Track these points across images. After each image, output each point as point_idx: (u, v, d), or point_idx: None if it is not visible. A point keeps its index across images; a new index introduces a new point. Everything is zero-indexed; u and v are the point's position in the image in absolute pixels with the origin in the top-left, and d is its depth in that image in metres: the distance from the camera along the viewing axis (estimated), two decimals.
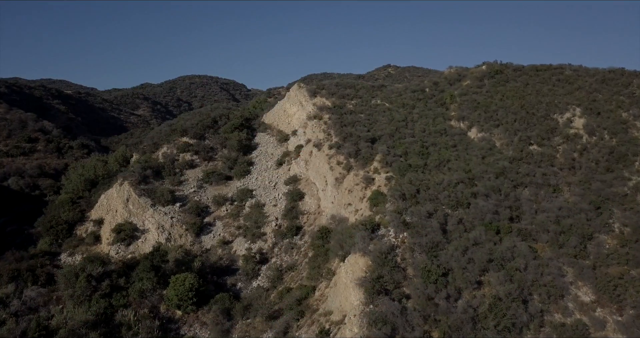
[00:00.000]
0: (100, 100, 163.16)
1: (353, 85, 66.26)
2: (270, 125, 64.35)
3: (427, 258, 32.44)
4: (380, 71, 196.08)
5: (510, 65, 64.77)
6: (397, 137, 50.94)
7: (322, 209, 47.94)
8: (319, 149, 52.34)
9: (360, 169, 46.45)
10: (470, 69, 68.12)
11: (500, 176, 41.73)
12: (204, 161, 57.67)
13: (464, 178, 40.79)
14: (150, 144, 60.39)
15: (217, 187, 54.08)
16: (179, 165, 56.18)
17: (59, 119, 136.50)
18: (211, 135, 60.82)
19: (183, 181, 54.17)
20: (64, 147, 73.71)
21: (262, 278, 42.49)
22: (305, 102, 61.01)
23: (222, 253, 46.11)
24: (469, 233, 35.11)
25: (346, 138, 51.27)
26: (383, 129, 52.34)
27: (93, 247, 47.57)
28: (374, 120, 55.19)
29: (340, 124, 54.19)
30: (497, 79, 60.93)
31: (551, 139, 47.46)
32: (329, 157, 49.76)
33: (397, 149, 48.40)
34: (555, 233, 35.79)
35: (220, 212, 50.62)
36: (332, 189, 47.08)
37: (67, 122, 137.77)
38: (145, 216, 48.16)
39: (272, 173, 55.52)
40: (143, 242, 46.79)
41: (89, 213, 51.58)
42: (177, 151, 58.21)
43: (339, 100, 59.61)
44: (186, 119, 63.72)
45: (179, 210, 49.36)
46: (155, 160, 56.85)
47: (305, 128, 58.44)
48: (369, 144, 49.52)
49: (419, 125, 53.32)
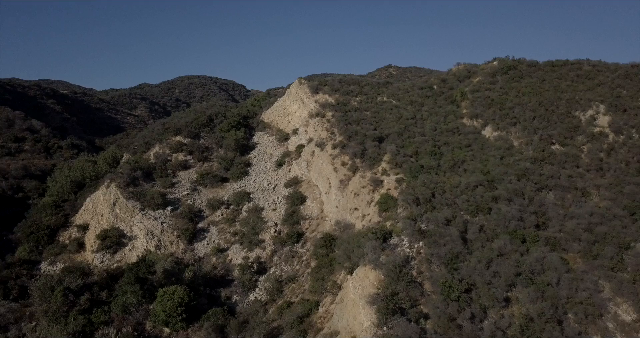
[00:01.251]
0: (96, 100, 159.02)
1: (357, 81, 62.27)
2: (269, 124, 60.29)
3: (447, 272, 28.34)
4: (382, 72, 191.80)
5: (524, 60, 60.70)
6: (406, 136, 46.88)
7: (325, 214, 43.83)
8: (321, 149, 48.27)
9: (367, 170, 42.39)
10: (480, 66, 64.11)
11: (522, 178, 37.67)
12: (198, 162, 53.56)
13: (482, 180, 36.72)
14: (142, 143, 56.30)
15: (212, 190, 49.97)
16: (171, 166, 52.09)
17: (53, 118, 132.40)
18: (206, 134, 56.73)
19: (175, 183, 50.07)
20: (53, 147, 69.60)
21: (260, 291, 38.34)
22: (306, 99, 56.97)
23: (217, 262, 41.98)
24: (492, 242, 31.02)
25: (351, 137, 47.21)
26: (391, 127, 48.29)
27: (76, 255, 43.43)
28: (381, 118, 51.14)
29: (344, 121, 50.14)
30: (510, 75, 56.90)
31: (574, 138, 43.41)
32: (333, 158, 45.69)
33: (406, 148, 44.35)
34: (588, 242, 31.67)
35: (215, 217, 46.50)
36: (336, 192, 42.98)
37: (61, 121, 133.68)
38: (133, 221, 44.01)
39: (271, 174, 51.43)
40: (130, 249, 42.65)
41: (73, 218, 47.46)
42: (169, 151, 54.12)
43: (342, 97, 55.57)
44: (180, 117, 59.67)
45: (170, 215, 45.23)
46: (147, 160, 52.74)
47: (306, 126, 54.38)
48: (376, 143, 45.46)
49: (429, 124, 49.25)
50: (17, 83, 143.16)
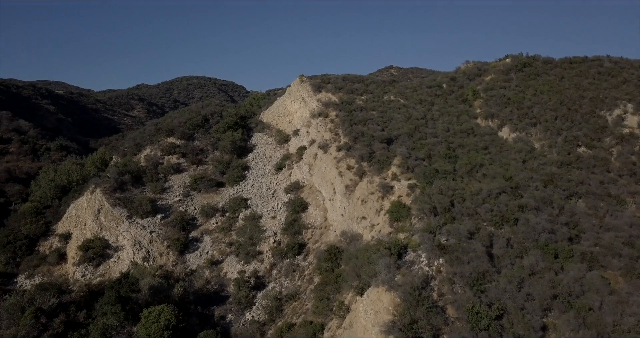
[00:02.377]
0: (93, 101, 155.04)
1: (362, 79, 58.25)
2: (268, 125, 56.24)
3: (473, 295, 24.27)
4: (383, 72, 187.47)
5: (539, 57, 56.78)
6: (417, 137, 42.86)
7: (329, 223, 39.75)
8: (325, 151, 44.23)
9: (375, 174, 38.36)
10: (491, 63, 60.16)
11: (549, 184, 33.64)
12: (192, 165, 49.48)
13: (505, 187, 32.66)
14: (132, 145, 52.21)
15: (207, 195, 45.89)
16: (163, 169, 48.00)
17: (47, 119, 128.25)
18: (201, 136, 52.64)
19: (167, 188, 45.97)
20: (40, 149, 65.49)
21: (258, 309, 34.25)
22: (308, 98, 52.93)
23: (210, 275, 37.90)
24: (521, 259, 26.96)
25: (357, 138, 43.19)
26: (400, 128, 44.25)
27: (56, 268, 39.35)
28: (389, 117, 47.10)
29: (349, 122, 46.11)
30: (525, 73, 52.96)
31: (602, 140, 39.42)
32: (337, 161, 41.65)
33: (418, 151, 40.33)
34: (630, 258, 27.59)
35: (209, 225, 42.42)
36: (341, 199, 38.92)
37: (56, 122, 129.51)
38: (120, 230, 39.92)
39: (271, 179, 47.34)
40: (115, 261, 38.57)
41: (55, 226, 43.37)
42: (161, 153, 50.04)
43: (346, 96, 51.54)
44: (174, 117, 55.59)
45: (160, 223, 41.14)
46: (136, 163, 48.63)
47: (308, 127, 50.33)
48: (384, 145, 41.44)
49: (441, 124, 45.24)
50: (12, 83, 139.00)
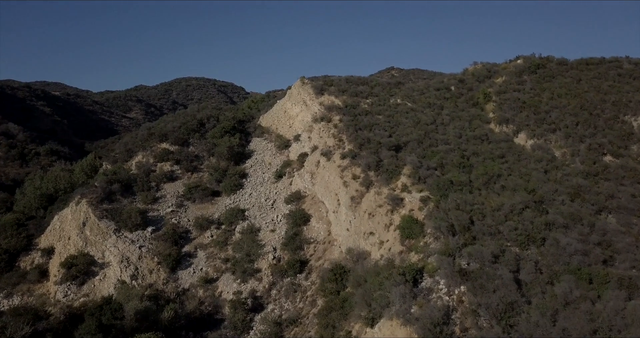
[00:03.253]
0: (90, 102, 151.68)
1: (366, 81, 55.06)
2: (268, 129, 52.98)
3: (502, 330, 21.03)
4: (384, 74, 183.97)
5: (552, 58, 53.62)
6: (427, 144, 39.63)
7: (333, 237, 36.50)
8: (328, 159, 40.99)
9: (383, 185, 35.11)
10: (500, 65, 56.99)
11: (576, 198, 30.39)
12: (186, 172, 46.21)
13: (528, 201, 29.40)
14: (123, 151, 48.95)
15: (201, 206, 42.61)
16: (155, 177, 44.70)
17: (42, 121, 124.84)
18: (196, 141, 49.36)
19: (159, 198, 42.69)
20: (30, 154, 62.24)
21: (255, 335, 30.95)
22: (310, 101, 49.68)
23: (204, 295, 34.62)
24: (553, 286, 23.72)
25: (363, 145, 39.95)
26: (409, 134, 41.01)
27: (37, 286, 36.06)
28: (396, 122, 43.86)
29: (354, 127, 42.87)
30: (539, 75, 49.77)
31: (629, 148, 36.21)
32: (342, 169, 38.41)
33: (429, 159, 37.09)
34: None
35: (204, 239, 39.15)
36: (346, 211, 35.66)
37: (51, 124, 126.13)
38: (106, 245, 36.65)
39: (270, 188, 44.07)
40: (101, 280, 35.29)
41: (37, 240, 40.07)
42: (154, 160, 46.75)
43: (351, 99, 48.28)
44: (167, 121, 52.30)
45: (150, 237, 37.87)
46: (127, 171, 45.37)
47: (310, 132, 47.08)
48: (392, 153, 38.20)
49: (452, 130, 42.00)
50: (7, 84, 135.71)
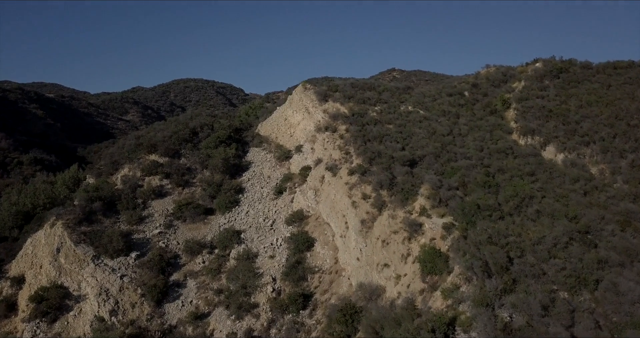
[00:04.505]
0: (85, 105, 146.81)
1: (373, 85, 50.41)
2: (267, 138, 48.31)
3: None
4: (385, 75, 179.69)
5: (575, 61, 49.04)
6: (445, 159, 35.04)
7: (341, 266, 31.87)
8: (333, 174, 36.40)
9: (398, 207, 30.50)
10: (517, 68, 52.41)
11: (626, 227, 25.74)
12: (176, 187, 41.54)
13: (572, 231, 24.81)
14: (108, 163, 44.26)
15: (193, 226, 37.98)
16: (142, 193, 40.03)
17: (35, 124, 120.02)
18: (188, 152, 44.67)
19: (146, 217, 38.04)
20: (12, 163, 57.47)
21: None
22: (312, 108, 45.05)
23: (194, 333, 29.99)
24: None
25: (373, 159, 35.37)
26: (424, 147, 36.43)
27: (4, 322, 31.40)
28: (409, 133, 39.24)
29: (362, 138, 38.30)
30: (563, 79, 45.21)
31: None
32: (350, 187, 33.81)
33: (448, 176, 32.51)
34: None
35: (195, 265, 34.53)
36: (356, 237, 31.04)
37: (44, 128, 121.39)
38: (83, 275, 31.99)
39: (269, 205, 39.44)
40: (76, 316, 30.64)
41: (8, 266, 35.41)
42: (141, 173, 42.07)
43: (357, 106, 43.65)
44: (158, 130, 47.61)
45: (134, 264, 33.23)
46: (112, 186, 40.70)
47: (313, 143, 42.49)
48: (407, 169, 33.62)
49: (472, 142, 37.41)
50: None
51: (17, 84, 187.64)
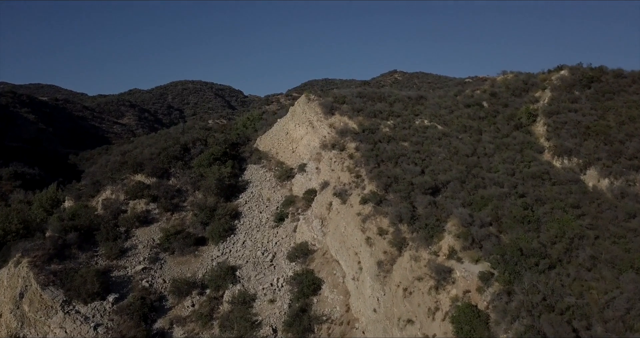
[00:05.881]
0: (80, 108, 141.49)
1: (383, 95, 45.28)
2: (266, 154, 43.24)
3: None
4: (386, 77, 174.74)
5: (606, 69, 43.74)
6: (472, 185, 30.03)
7: (354, 316, 26.82)
8: (343, 201, 31.39)
9: (421, 246, 25.54)
10: (539, 75, 47.35)
11: None
12: (165, 212, 36.49)
13: None
14: (89, 184, 39.19)
15: (182, 259, 32.95)
16: (125, 220, 35.00)
17: (26, 129, 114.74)
18: (179, 171, 39.62)
19: (128, 250, 33.00)
20: None
21: None
22: (317, 122, 40.01)
23: None
24: None
25: (389, 185, 30.36)
26: (447, 170, 31.42)
27: None
28: (427, 152, 34.23)
29: (374, 159, 33.26)
30: (595, 90, 40.10)
31: None
32: (363, 219, 28.80)
33: (478, 207, 27.53)
34: None
35: (182, 309, 29.49)
36: (372, 283, 26.01)
37: (35, 133, 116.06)
38: (51, 325, 26.94)
39: (268, 234, 34.41)
40: None
41: None
42: (125, 196, 37.03)
43: (368, 120, 38.62)
44: (145, 145, 42.48)
45: (111, 310, 28.18)
46: (91, 211, 35.68)
47: (318, 161, 37.49)
48: (429, 198, 28.62)
49: (500, 164, 32.38)
50: None
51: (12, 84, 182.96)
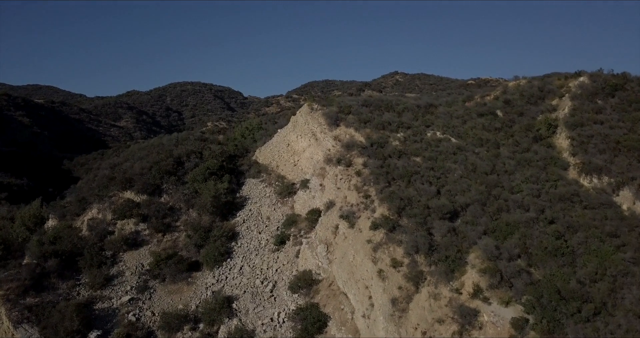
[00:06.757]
0: (76, 111, 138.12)
1: (391, 103, 42.04)
2: (266, 167, 40.04)
3: None
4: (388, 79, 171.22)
5: (629, 75, 40.67)
6: (494, 208, 26.87)
7: None
8: (350, 225, 28.21)
9: (441, 281, 22.44)
10: (554, 81, 44.14)
11: None
12: (156, 233, 33.28)
13: None
14: (74, 201, 35.98)
15: (174, 288, 29.74)
16: (112, 242, 31.80)
17: (20, 133, 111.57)
18: (171, 187, 36.40)
19: (114, 277, 29.80)
20: None
21: None
22: (321, 133, 36.80)
23: None
24: None
25: (402, 208, 27.17)
26: (465, 191, 28.26)
27: None
28: (442, 169, 31.05)
29: (385, 176, 30.08)
30: (620, 99, 37.02)
31: None
32: (374, 248, 25.62)
33: (502, 235, 24.41)
34: None
35: None
36: (386, 324, 22.83)
37: (30, 137, 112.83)
38: None
39: (268, 259, 31.23)
40: None
41: None
42: (113, 216, 33.82)
43: (376, 133, 35.41)
44: (136, 158, 39.19)
45: None
46: (75, 233, 32.50)
47: (322, 177, 34.28)
48: (448, 224, 25.49)
49: (524, 184, 29.19)
50: None
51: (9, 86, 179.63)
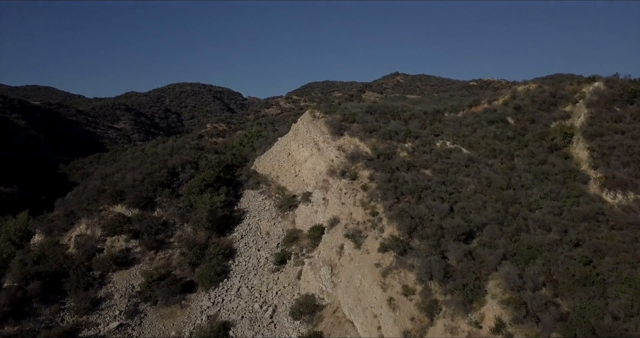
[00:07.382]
0: (74, 113, 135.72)
1: (396, 110, 39.83)
2: (265, 178, 37.81)
3: None
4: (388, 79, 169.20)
5: None
6: (512, 228, 24.66)
7: None
8: (357, 245, 25.99)
9: (458, 313, 20.24)
10: (567, 86, 41.94)
11: None
12: (148, 251, 31.04)
13: None
14: (62, 216, 33.74)
15: (166, 311, 27.51)
16: (100, 261, 29.56)
17: (17, 136, 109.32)
18: (165, 200, 34.13)
19: (103, 300, 27.57)
20: None
21: None
22: (324, 143, 34.58)
23: None
24: None
25: (413, 229, 24.94)
26: (480, 208, 26.03)
27: None
28: (454, 183, 28.83)
29: (393, 191, 27.85)
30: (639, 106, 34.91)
31: None
32: (383, 272, 23.41)
33: (524, 260, 22.19)
34: None
35: None
36: None
37: (26, 139, 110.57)
38: None
39: (268, 281, 28.99)
40: None
41: None
42: (102, 232, 31.57)
43: (382, 143, 33.18)
44: (129, 168, 36.96)
45: None
46: (62, 250, 30.27)
47: (325, 191, 32.07)
48: (463, 247, 23.25)
49: (543, 200, 26.99)
50: None
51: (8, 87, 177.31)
